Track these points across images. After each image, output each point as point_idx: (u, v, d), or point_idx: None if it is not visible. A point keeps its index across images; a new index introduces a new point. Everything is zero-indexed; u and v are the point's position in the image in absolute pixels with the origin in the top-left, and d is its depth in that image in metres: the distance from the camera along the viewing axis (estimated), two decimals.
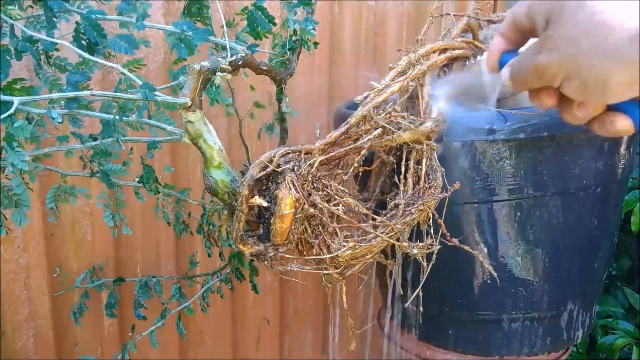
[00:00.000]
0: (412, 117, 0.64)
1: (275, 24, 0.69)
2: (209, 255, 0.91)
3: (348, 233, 0.59)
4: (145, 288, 0.96)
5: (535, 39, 0.39)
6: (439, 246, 0.66)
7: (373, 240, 0.58)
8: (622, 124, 0.36)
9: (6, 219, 0.63)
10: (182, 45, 0.62)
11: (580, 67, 0.34)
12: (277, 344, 1.34)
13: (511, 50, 0.41)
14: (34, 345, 1.02)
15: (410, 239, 0.67)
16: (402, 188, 0.64)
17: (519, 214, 0.76)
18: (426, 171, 0.65)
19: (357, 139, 0.61)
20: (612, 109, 0.36)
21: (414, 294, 0.74)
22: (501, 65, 0.41)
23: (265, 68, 0.68)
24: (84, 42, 0.61)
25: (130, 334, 0.95)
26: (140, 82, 0.56)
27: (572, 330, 0.88)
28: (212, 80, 0.59)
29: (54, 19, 0.60)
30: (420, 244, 0.62)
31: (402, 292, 0.83)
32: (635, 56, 0.31)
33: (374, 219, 0.60)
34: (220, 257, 0.96)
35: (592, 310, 0.91)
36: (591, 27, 0.33)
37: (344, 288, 0.68)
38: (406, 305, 0.87)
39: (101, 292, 1.02)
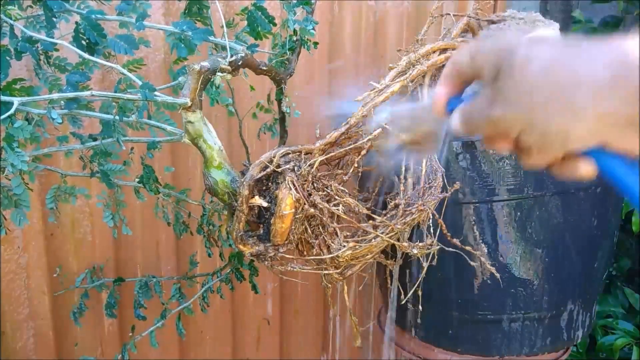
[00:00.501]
0: None
1: (275, 24, 0.69)
2: (209, 256, 0.91)
3: (348, 233, 0.59)
4: (145, 288, 0.96)
5: (479, 83, 0.37)
6: (439, 246, 0.66)
7: (373, 240, 0.58)
8: (585, 169, 0.34)
9: (6, 219, 0.63)
10: (182, 45, 0.62)
11: (538, 121, 0.32)
12: (277, 344, 1.34)
13: (457, 95, 0.40)
14: (34, 345, 1.02)
15: (410, 239, 0.67)
16: (402, 188, 0.64)
17: (519, 214, 0.76)
18: (426, 171, 0.65)
19: (357, 139, 0.61)
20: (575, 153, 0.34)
21: (410, 293, 0.74)
22: (449, 110, 0.39)
23: (265, 68, 0.68)
24: (83, 42, 0.61)
25: (131, 334, 0.95)
26: (140, 82, 0.56)
27: (572, 330, 0.88)
28: (212, 80, 0.59)
29: (54, 19, 0.60)
30: (420, 244, 0.62)
31: (402, 292, 0.83)
32: (599, 109, 0.30)
33: (374, 219, 0.60)
34: (221, 257, 0.96)
35: (592, 310, 0.91)
36: (547, 81, 0.31)
37: (346, 287, 0.68)
38: (406, 305, 0.87)
39: (101, 292, 1.02)
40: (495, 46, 0.35)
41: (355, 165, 0.60)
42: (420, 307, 0.80)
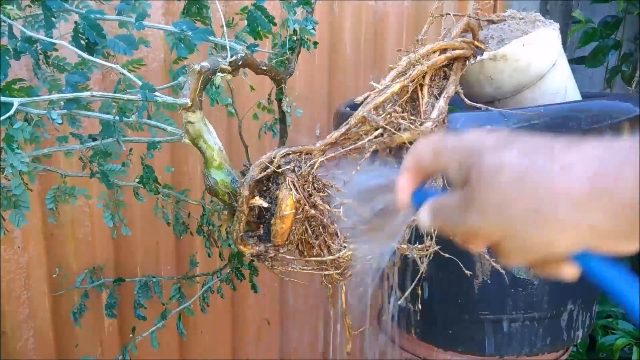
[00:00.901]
0: (412, 117, 0.64)
1: (275, 24, 0.69)
2: (209, 256, 0.91)
3: (349, 234, 0.59)
4: (145, 288, 0.96)
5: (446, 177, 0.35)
6: (439, 246, 0.66)
7: None
8: (568, 272, 0.32)
9: (4, 220, 0.63)
10: (182, 45, 0.62)
11: (518, 232, 0.30)
12: (277, 344, 1.34)
13: (421, 187, 0.37)
14: (34, 345, 1.02)
15: (409, 240, 0.67)
16: None
17: None
18: None
19: (357, 140, 0.61)
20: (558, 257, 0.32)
21: (408, 291, 0.74)
22: (415, 203, 0.37)
23: (265, 68, 0.68)
24: (83, 42, 0.61)
25: (131, 335, 0.95)
26: (140, 82, 0.56)
27: (572, 330, 0.88)
28: (212, 80, 0.59)
29: (53, 19, 0.60)
30: (419, 246, 0.62)
31: (401, 292, 0.83)
32: (582, 222, 0.28)
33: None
34: (220, 257, 0.96)
35: (592, 310, 0.91)
36: (522, 192, 0.29)
37: (344, 288, 0.68)
38: (406, 305, 0.87)
39: (101, 293, 1.02)
40: (459, 147, 0.33)
41: (358, 168, 0.60)
42: (419, 307, 0.80)
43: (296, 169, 0.57)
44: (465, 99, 0.76)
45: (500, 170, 0.30)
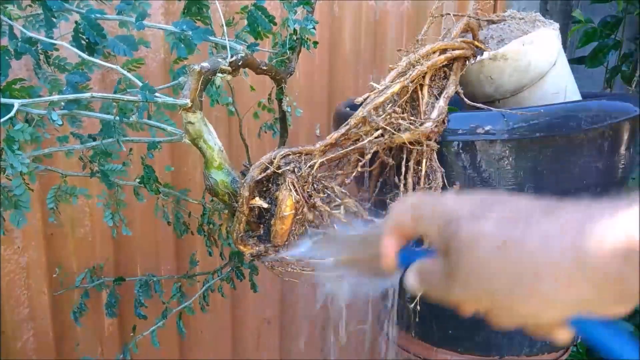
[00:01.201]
0: (412, 117, 0.64)
1: (275, 24, 0.69)
2: (210, 255, 0.91)
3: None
4: (146, 287, 0.96)
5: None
6: None
7: None
8: (562, 336, 0.31)
9: (5, 220, 0.63)
10: (182, 45, 0.62)
11: (504, 305, 0.30)
12: (277, 344, 1.34)
13: (406, 246, 0.37)
14: (34, 345, 1.02)
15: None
16: (402, 188, 0.64)
17: None
18: (426, 171, 0.65)
19: (357, 140, 0.61)
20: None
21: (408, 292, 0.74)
22: (401, 264, 0.36)
23: (265, 68, 0.68)
24: (83, 42, 0.61)
25: (132, 334, 0.95)
26: (140, 83, 0.56)
27: None
28: (212, 80, 0.59)
29: (53, 19, 0.60)
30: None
31: (401, 292, 0.83)
32: (568, 297, 0.27)
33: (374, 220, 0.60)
34: (221, 256, 0.96)
35: None
36: (502, 266, 0.29)
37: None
38: (406, 305, 0.87)
39: (101, 292, 1.02)
40: (437, 214, 0.33)
41: (359, 169, 0.60)
42: (419, 307, 0.79)
43: (296, 169, 0.57)
44: (465, 99, 0.76)
45: (477, 241, 0.29)
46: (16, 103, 0.49)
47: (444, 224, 0.32)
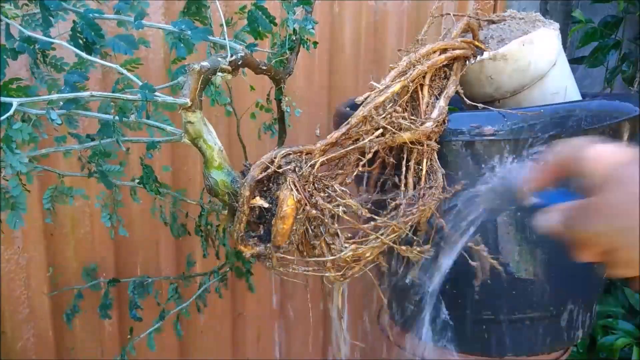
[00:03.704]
0: (412, 117, 0.64)
1: (275, 24, 0.69)
2: (204, 256, 0.91)
3: (350, 234, 0.59)
4: (140, 288, 0.95)
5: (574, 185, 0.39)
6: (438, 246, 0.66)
7: (374, 242, 0.58)
8: None
9: (1, 222, 0.62)
10: (181, 44, 0.61)
11: (634, 244, 0.33)
12: (277, 344, 1.33)
13: (546, 189, 0.41)
14: (34, 345, 1.02)
15: (409, 242, 0.66)
16: (402, 188, 0.64)
17: (519, 213, 0.76)
18: (427, 171, 0.65)
19: (358, 139, 0.61)
20: None
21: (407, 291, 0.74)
22: (542, 200, 0.41)
23: (264, 68, 0.68)
24: (81, 41, 0.60)
25: (129, 336, 0.94)
26: (139, 82, 0.56)
27: (572, 330, 0.88)
28: (212, 80, 0.58)
29: (51, 18, 0.59)
30: (418, 249, 0.62)
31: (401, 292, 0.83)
32: None
33: (375, 220, 0.60)
34: (217, 256, 0.96)
35: (592, 310, 0.91)
36: None
37: (340, 288, 0.68)
38: (406, 305, 0.86)
39: (101, 292, 1.01)
40: (601, 157, 0.36)
41: (360, 169, 0.60)
42: (419, 307, 0.79)
43: (297, 169, 0.57)
44: (466, 99, 0.76)
45: (635, 180, 0.33)
46: (14, 102, 0.49)
47: (611, 163, 0.35)
